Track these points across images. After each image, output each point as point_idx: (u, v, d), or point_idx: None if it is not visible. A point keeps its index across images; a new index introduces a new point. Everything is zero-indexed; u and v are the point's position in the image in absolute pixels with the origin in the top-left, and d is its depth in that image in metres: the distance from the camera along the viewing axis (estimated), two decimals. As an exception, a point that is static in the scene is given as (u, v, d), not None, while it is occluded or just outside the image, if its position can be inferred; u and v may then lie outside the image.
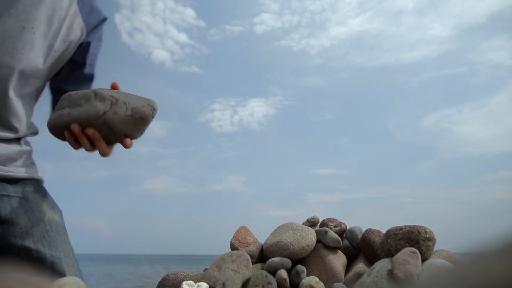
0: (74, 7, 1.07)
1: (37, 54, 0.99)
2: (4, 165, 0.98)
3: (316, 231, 1.03)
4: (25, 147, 1.05)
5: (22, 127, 1.02)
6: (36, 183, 1.06)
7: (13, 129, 1.00)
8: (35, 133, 1.12)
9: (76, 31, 1.09)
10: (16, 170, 1.01)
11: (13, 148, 1.00)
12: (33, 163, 1.11)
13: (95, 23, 1.15)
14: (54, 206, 1.06)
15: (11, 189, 0.98)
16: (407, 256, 0.81)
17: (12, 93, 0.96)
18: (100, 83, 1.17)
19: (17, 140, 1.03)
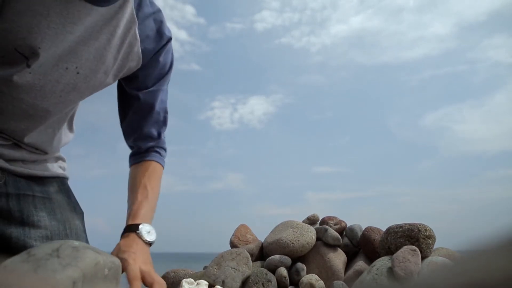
0: (133, 31, 0.94)
1: (79, 93, 0.93)
2: (31, 164, 0.98)
3: (316, 229, 1.03)
4: (53, 154, 1.06)
5: (52, 149, 1.03)
6: (61, 182, 1.06)
7: (42, 151, 1.00)
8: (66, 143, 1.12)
9: (131, 62, 0.98)
10: (42, 169, 1.01)
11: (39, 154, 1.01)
12: (62, 160, 1.10)
13: (156, 49, 1.01)
14: (76, 207, 1.06)
15: (36, 188, 0.97)
16: (407, 254, 0.81)
17: (45, 131, 0.95)
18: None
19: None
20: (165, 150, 1.14)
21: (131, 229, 0.92)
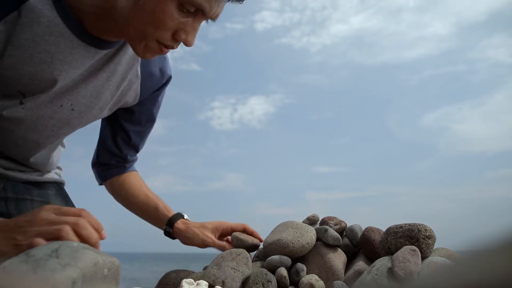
0: (135, 68, 0.93)
1: (72, 127, 0.94)
2: (28, 172, 1.00)
3: (316, 229, 1.03)
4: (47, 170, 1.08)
5: (47, 169, 1.05)
6: (58, 186, 1.09)
7: (37, 170, 1.03)
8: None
9: (129, 99, 0.98)
10: (40, 175, 1.03)
11: None
12: (58, 168, 1.13)
13: (156, 87, 1.01)
14: None
15: (35, 192, 1.00)
16: (407, 254, 0.81)
17: (35, 157, 0.96)
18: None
19: None
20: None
21: (178, 217, 1.09)
